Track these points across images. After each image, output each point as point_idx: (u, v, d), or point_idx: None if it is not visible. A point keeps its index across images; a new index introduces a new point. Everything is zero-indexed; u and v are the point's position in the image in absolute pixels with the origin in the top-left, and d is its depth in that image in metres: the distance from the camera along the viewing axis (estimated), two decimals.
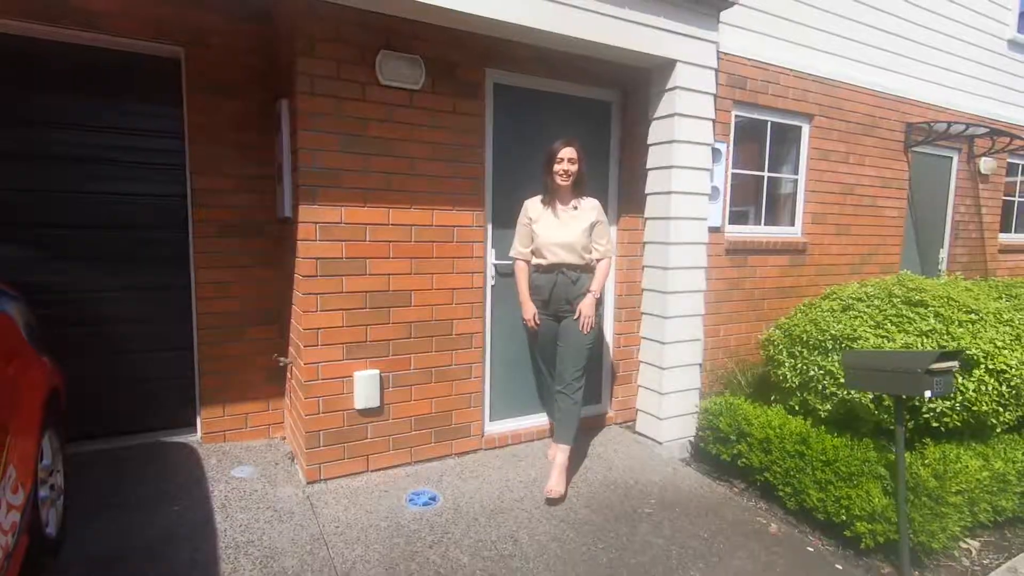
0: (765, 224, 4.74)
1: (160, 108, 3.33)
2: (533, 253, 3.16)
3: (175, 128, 3.36)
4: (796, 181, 4.83)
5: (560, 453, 3.09)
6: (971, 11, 5.78)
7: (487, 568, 2.39)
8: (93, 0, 2.99)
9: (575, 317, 3.05)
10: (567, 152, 3.02)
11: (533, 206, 3.17)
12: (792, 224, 4.89)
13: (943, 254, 6.21)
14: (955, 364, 2.39)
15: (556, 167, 3.03)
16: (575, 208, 3.11)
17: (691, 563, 2.51)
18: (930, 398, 2.52)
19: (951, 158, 6.05)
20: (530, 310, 3.17)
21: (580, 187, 3.12)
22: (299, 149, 2.87)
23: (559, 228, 3.06)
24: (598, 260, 3.12)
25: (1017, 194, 7.05)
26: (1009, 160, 6.58)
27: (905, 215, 5.63)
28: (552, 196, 3.12)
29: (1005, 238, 6.88)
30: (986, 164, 6.20)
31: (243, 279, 3.51)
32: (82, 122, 3.16)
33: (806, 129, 4.78)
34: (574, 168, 3.04)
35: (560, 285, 3.07)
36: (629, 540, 2.67)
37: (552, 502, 2.92)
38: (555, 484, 2.97)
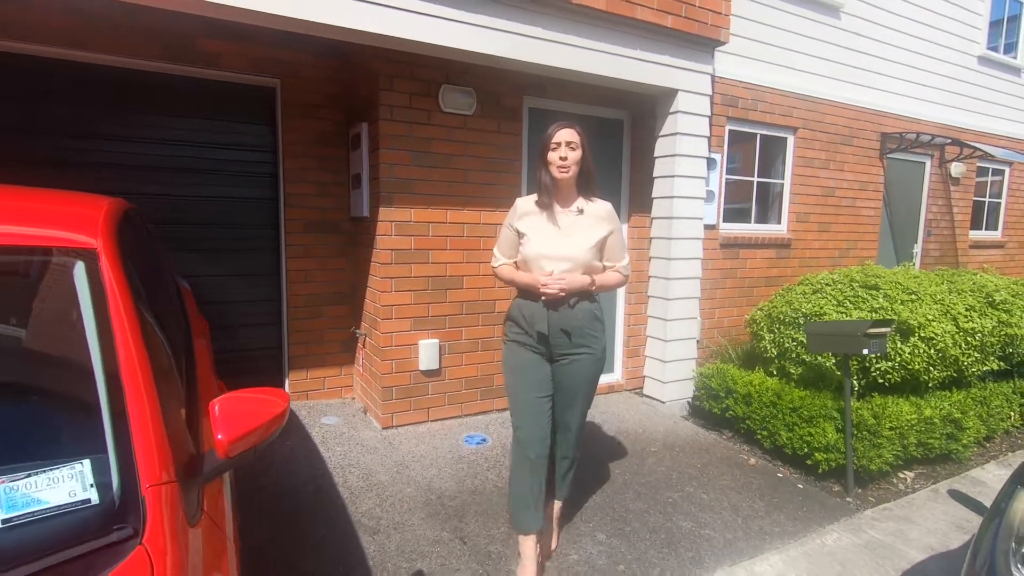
0: (755, 222, 5.49)
1: (259, 128, 4.11)
2: (518, 268, 2.36)
3: (271, 144, 4.14)
4: (783, 185, 5.58)
5: (557, 506, 2.62)
6: (943, 31, 6.50)
7: None
8: (215, 44, 3.77)
9: (576, 344, 2.26)
10: (565, 134, 2.21)
11: (524, 205, 2.34)
12: (779, 222, 5.64)
13: (917, 249, 6.95)
14: (888, 330, 3.15)
15: (551, 155, 2.22)
16: (580, 212, 2.30)
17: (687, 482, 3.29)
18: (867, 355, 3.26)
19: (924, 163, 6.79)
20: (537, 277, 2.22)
21: (587, 183, 2.32)
22: (379, 163, 3.65)
23: (557, 238, 2.25)
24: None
25: (988, 195, 7.78)
26: (979, 164, 7.31)
27: (881, 214, 6.37)
28: (549, 195, 2.28)
29: (976, 235, 7.61)
30: (956, 168, 6.93)
31: (322, 267, 4.30)
32: (200, 140, 3.94)
33: (791, 140, 5.53)
34: (576, 155, 2.22)
35: (555, 315, 2.23)
36: (639, 468, 3.45)
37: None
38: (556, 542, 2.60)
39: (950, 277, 4.38)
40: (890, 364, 3.48)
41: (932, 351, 3.46)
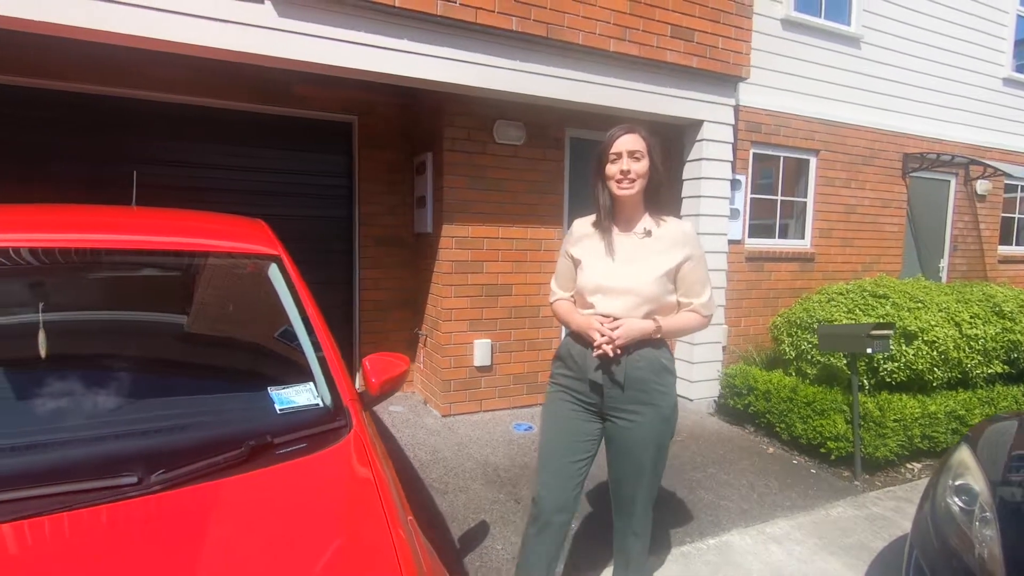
0: (779, 237, 5.91)
1: (338, 157, 4.81)
2: (575, 301, 2.00)
3: (347, 171, 4.83)
4: (805, 203, 5.99)
5: None
6: (966, 56, 6.81)
7: None
8: (305, 89, 4.48)
9: (634, 400, 1.83)
10: (627, 142, 1.80)
11: (580, 228, 2.00)
12: (803, 237, 6.04)
13: (943, 263, 7.20)
14: (890, 332, 3.56)
15: (610, 168, 1.83)
16: (647, 234, 1.87)
17: (710, 464, 3.75)
18: (870, 354, 3.65)
19: (949, 181, 7.07)
20: (592, 322, 1.81)
21: (656, 199, 1.91)
22: (443, 187, 4.28)
23: (618, 266, 1.85)
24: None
25: (1017, 211, 7.95)
26: (1007, 181, 7.52)
27: (904, 230, 6.68)
28: (608, 217, 1.90)
29: (1006, 250, 7.78)
30: (982, 186, 7.18)
31: (388, 276, 4.94)
32: (290, 168, 4.65)
33: (813, 161, 5.94)
34: (642, 167, 1.81)
35: (610, 361, 1.80)
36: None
37: None
38: None
39: (960, 288, 4.72)
40: (896, 365, 3.87)
41: (935, 353, 3.84)
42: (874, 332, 3.49)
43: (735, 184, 5.18)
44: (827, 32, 5.79)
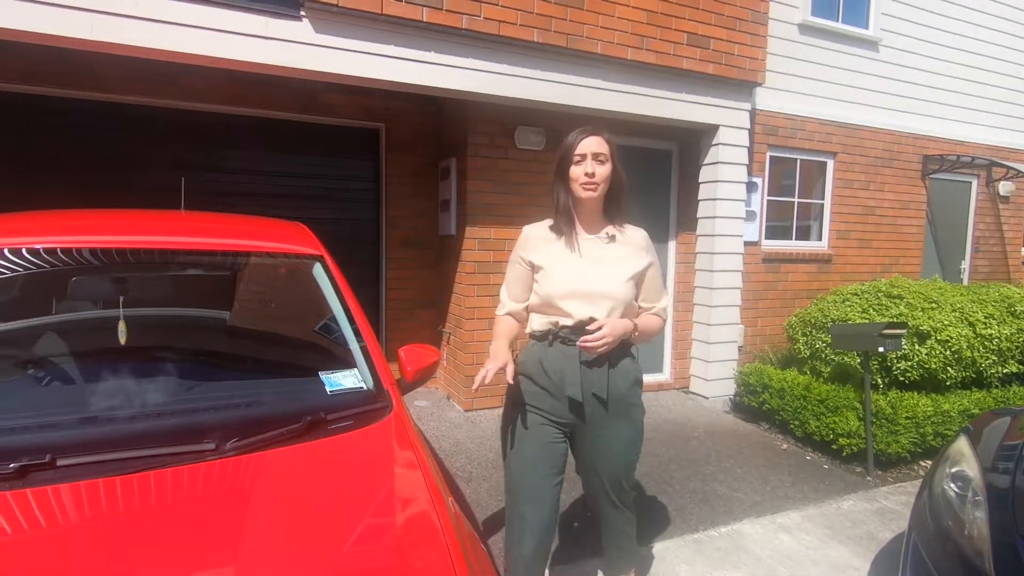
0: (796, 239, 5.98)
1: (366, 163, 5.03)
2: (534, 312, 1.88)
3: (375, 175, 5.06)
4: (823, 204, 6.04)
5: None
6: (988, 56, 6.79)
7: None
8: (335, 97, 4.71)
9: (612, 415, 1.80)
10: (591, 144, 1.77)
11: (536, 231, 1.92)
12: (820, 239, 6.10)
13: (964, 265, 7.17)
14: (902, 332, 3.65)
15: (574, 170, 1.78)
16: (611, 238, 1.86)
17: (724, 460, 3.87)
18: (882, 352, 3.73)
19: (970, 183, 7.04)
20: (501, 359, 1.73)
21: (617, 205, 1.89)
22: (467, 191, 4.47)
23: (586, 268, 1.80)
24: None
25: None
26: None
27: (924, 231, 6.68)
28: (569, 218, 1.84)
29: None
30: (1005, 187, 7.14)
31: (414, 277, 5.15)
32: (320, 173, 4.89)
33: (830, 164, 6.00)
34: (605, 170, 1.79)
35: (588, 370, 1.76)
36: (683, 447, 4.05)
37: None
38: None
39: (977, 289, 4.76)
40: (909, 364, 3.95)
41: (948, 352, 3.91)
42: (886, 331, 3.58)
43: (752, 186, 5.28)
44: (844, 35, 5.85)
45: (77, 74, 3.96)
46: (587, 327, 1.72)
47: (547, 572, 1.94)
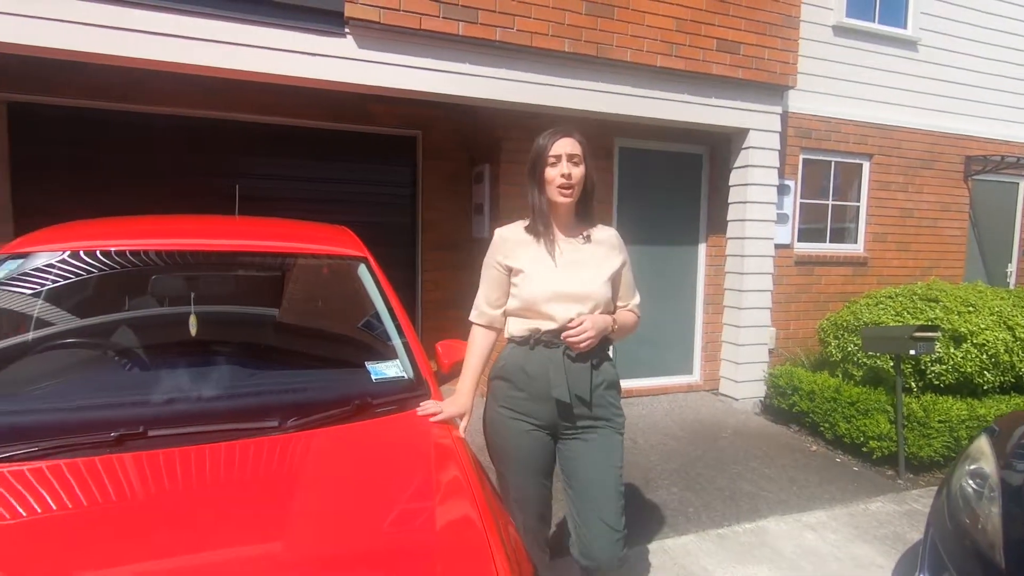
0: (830, 242, 5.93)
1: (403, 168, 5.26)
2: (513, 316, 1.88)
3: (411, 180, 5.28)
4: (858, 207, 5.98)
5: None
6: None
7: (625, 454, 3.93)
8: (375, 107, 4.95)
9: (594, 416, 1.81)
10: (565, 145, 1.77)
11: (512, 234, 1.90)
12: (855, 242, 6.03)
13: (1011, 268, 6.96)
14: (936, 335, 3.63)
15: (549, 172, 1.78)
16: (587, 239, 1.87)
17: (752, 459, 3.91)
18: (914, 355, 3.70)
19: (1017, 184, 6.83)
20: (459, 408, 1.79)
21: (588, 207, 1.89)
22: (499, 195, 4.63)
23: (568, 271, 1.80)
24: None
25: None
26: None
27: (967, 234, 6.52)
28: (545, 220, 1.83)
29: None
30: None
31: (447, 278, 5.34)
32: (360, 179, 5.13)
33: (867, 166, 5.94)
34: (580, 172, 1.79)
35: (572, 371, 1.77)
36: (711, 447, 4.11)
37: None
38: None
39: (1020, 293, 4.66)
40: (944, 367, 3.91)
41: (984, 356, 3.86)
42: (918, 334, 3.57)
43: (784, 189, 5.29)
44: (881, 36, 5.79)
45: (141, 90, 4.30)
46: (568, 323, 1.73)
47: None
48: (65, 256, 1.87)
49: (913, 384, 4.03)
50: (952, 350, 3.90)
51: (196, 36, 3.27)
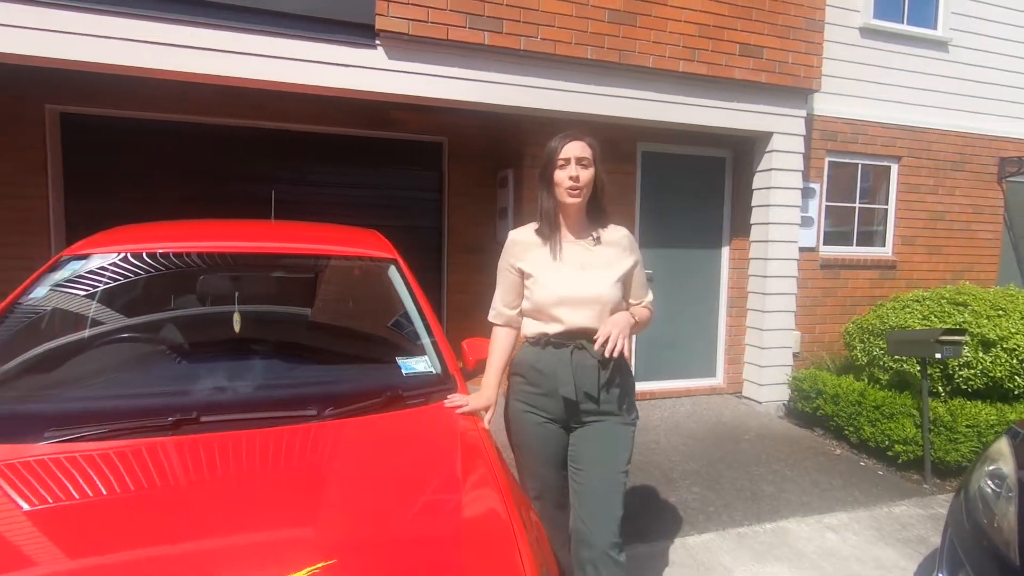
0: (857, 245, 5.87)
1: (430, 174, 5.40)
2: (527, 317, 1.96)
3: (438, 186, 5.42)
4: (886, 210, 5.91)
5: None
6: None
7: (644, 454, 3.97)
8: (403, 114, 5.10)
9: (603, 412, 1.85)
10: (575, 148, 1.82)
11: (523, 237, 1.97)
12: (883, 245, 5.96)
13: None
14: (962, 338, 3.60)
15: (558, 174, 1.84)
16: (596, 241, 1.90)
17: (774, 462, 3.92)
18: (940, 358, 3.67)
19: None
20: (485, 401, 1.88)
21: (599, 208, 1.93)
22: (523, 199, 4.73)
23: (574, 273, 1.85)
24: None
25: None
26: None
27: (1001, 237, 6.38)
28: (553, 224, 1.90)
29: None
30: None
31: (472, 280, 5.46)
32: (390, 184, 5.29)
33: (895, 168, 5.87)
34: (589, 175, 1.84)
35: (580, 369, 1.83)
36: (733, 449, 4.12)
37: None
38: None
39: None
40: (972, 372, 3.87)
41: (1015, 361, 3.80)
42: (944, 338, 3.55)
43: (809, 192, 5.27)
44: (910, 37, 5.72)
45: (185, 101, 4.53)
46: (594, 337, 1.74)
47: None
48: (120, 257, 2.03)
49: (940, 389, 3.99)
50: (981, 354, 3.86)
51: (238, 50, 3.45)
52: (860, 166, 5.77)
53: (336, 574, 1.07)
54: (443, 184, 5.40)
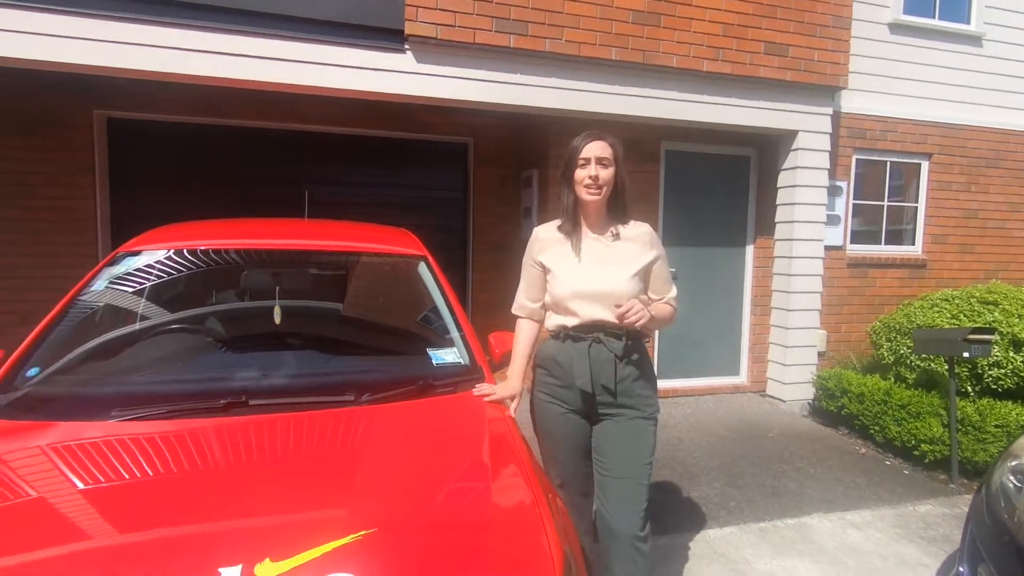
0: (885, 243, 5.79)
1: (456, 174, 5.52)
2: (548, 310, 2.05)
3: (463, 185, 5.53)
4: (916, 208, 5.82)
5: None
6: None
7: (667, 450, 4.01)
8: (430, 116, 5.22)
9: (621, 404, 1.91)
10: (595, 148, 1.88)
11: (545, 233, 2.06)
12: (913, 243, 5.87)
13: None
14: (991, 337, 3.56)
15: (579, 173, 1.90)
16: (616, 237, 1.96)
17: (798, 459, 3.93)
18: (969, 358, 3.63)
19: None
20: (511, 390, 1.95)
21: (621, 206, 1.98)
22: (548, 199, 4.81)
23: (590, 268, 1.92)
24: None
25: None
26: None
27: None
28: (573, 220, 1.97)
29: None
30: None
31: (496, 278, 5.56)
32: (417, 184, 5.42)
33: (925, 165, 5.78)
34: (608, 174, 1.89)
35: (597, 363, 1.89)
36: (756, 446, 4.14)
37: None
38: None
39: None
40: (1002, 371, 3.82)
41: None
42: (971, 336, 3.52)
43: (835, 190, 5.24)
44: (942, 33, 5.63)
45: (225, 105, 4.73)
46: (617, 309, 1.78)
47: None
48: (171, 253, 2.18)
49: (969, 388, 3.95)
50: (1012, 354, 3.81)
51: (279, 57, 3.62)
52: (889, 163, 5.70)
53: (376, 542, 1.17)
54: (468, 184, 5.51)
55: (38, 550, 1.10)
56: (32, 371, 1.73)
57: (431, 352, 2.06)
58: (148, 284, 2.15)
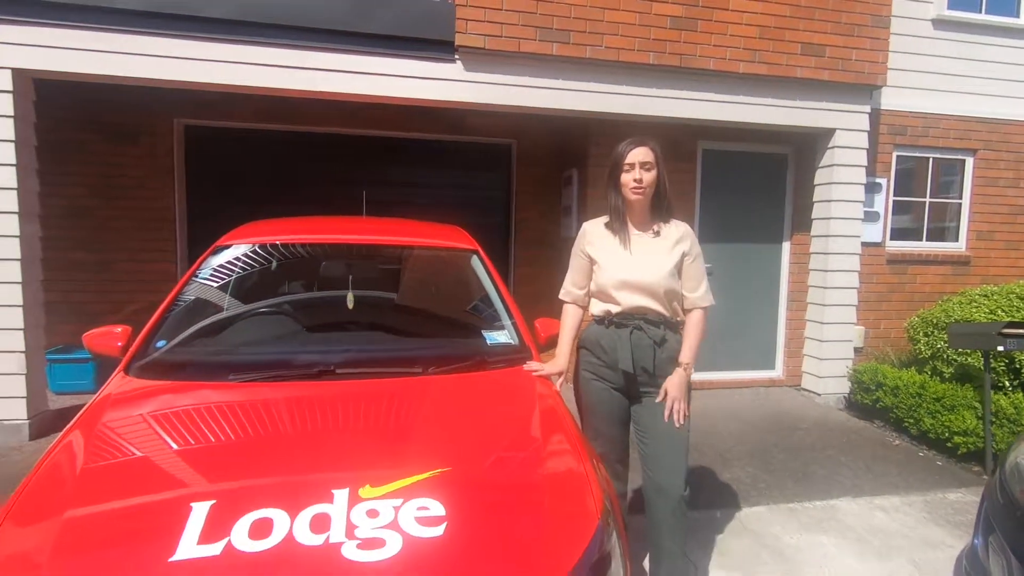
0: (927, 240, 5.78)
1: (500, 174, 5.81)
2: (593, 297, 2.29)
3: (506, 185, 5.81)
4: (959, 204, 5.79)
5: None
6: None
7: (701, 437, 4.19)
8: (476, 120, 5.52)
9: (660, 399, 2.14)
10: (639, 154, 2.10)
11: (593, 228, 2.30)
12: (956, 240, 5.84)
13: None
14: None
15: (624, 177, 2.14)
16: (656, 234, 2.19)
17: (829, 448, 4.06)
18: (1005, 352, 3.67)
19: None
20: (558, 367, 2.21)
21: (662, 205, 2.20)
22: (587, 197, 5.05)
23: (633, 261, 2.14)
24: (688, 311, 2.23)
25: None
26: None
27: None
28: (621, 218, 2.20)
29: None
30: None
31: (536, 273, 5.82)
32: (464, 184, 5.73)
33: (970, 161, 5.74)
34: (651, 176, 2.11)
35: (638, 348, 2.13)
36: (788, 436, 4.28)
37: None
38: None
39: None
40: None
41: None
42: (1007, 330, 3.59)
43: (875, 187, 5.28)
44: (989, 27, 5.59)
45: (293, 113, 5.15)
46: (657, 401, 2.12)
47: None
48: (258, 246, 2.53)
49: (1007, 382, 3.99)
50: None
51: (339, 69, 3.98)
52: (931, 160, 5.68)
53: (451, 479, 1.45)
54: (511, 183, 5.79)
55: (198, 471, 1.44)
56: (160, 343, 2.10)
57: (486, 333, 2.34)
58: (240, 273, 2.50)
